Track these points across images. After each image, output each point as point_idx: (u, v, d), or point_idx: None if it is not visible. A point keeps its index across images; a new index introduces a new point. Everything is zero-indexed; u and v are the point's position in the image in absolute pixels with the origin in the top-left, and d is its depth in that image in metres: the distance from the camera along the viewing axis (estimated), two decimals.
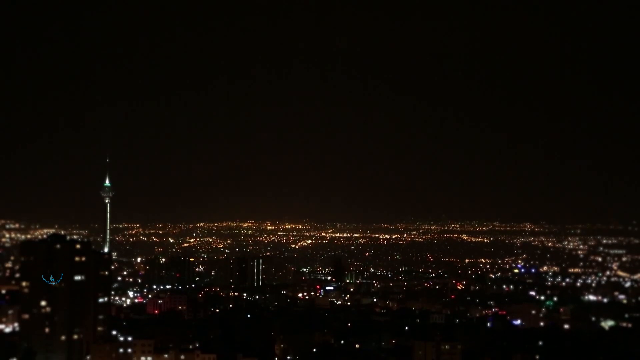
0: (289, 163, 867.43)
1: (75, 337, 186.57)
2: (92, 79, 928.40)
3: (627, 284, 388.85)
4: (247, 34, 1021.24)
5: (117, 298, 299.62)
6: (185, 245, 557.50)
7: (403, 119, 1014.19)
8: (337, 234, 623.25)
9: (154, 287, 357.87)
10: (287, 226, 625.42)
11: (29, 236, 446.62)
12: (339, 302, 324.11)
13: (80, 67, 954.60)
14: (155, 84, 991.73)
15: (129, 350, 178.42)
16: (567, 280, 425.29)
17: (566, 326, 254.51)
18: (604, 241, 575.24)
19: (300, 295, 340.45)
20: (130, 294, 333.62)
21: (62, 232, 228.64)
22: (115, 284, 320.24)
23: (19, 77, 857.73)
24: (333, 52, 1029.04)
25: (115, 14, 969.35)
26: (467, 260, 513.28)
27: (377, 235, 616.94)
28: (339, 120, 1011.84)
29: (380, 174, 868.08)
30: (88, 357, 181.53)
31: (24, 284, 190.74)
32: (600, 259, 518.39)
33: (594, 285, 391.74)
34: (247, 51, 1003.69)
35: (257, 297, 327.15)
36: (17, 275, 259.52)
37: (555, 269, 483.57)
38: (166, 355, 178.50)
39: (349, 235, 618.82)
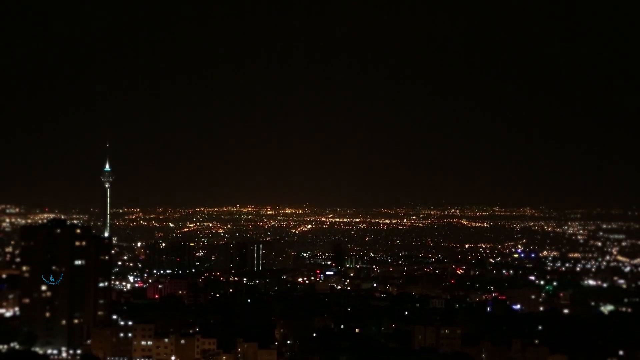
0: (289, 148, 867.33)
1: (76, 321, 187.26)
2: (93, 64, 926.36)
3: (627, 269, 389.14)
4: (248, 22, 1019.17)
5: (117, 282, 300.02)
6: (185, 230, 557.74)
7: (403, 104, 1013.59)
8: (337, 219, 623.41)
9: (154, 271, 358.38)
10: (287, 211, 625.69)
11: (29, 221, 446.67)
12: (339, 287, 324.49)
13: (81, 52, 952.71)
14: (156, 69, 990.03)
15: (130, 334, 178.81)
16: (567, 265, 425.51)
17: (566, 311, 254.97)
18: (604, 226, 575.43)
19: (300, 280, 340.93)
20: (131, 278, 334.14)
21: (63, 217, 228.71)
22: (116, 269, 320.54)
23: (20, 62, 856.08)
24: (333, 40, 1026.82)
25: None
26: (467, 245, 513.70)
27: (377, 220, 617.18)
28: (339, 105, 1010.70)
29: (380, 159, 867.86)
30: (88, 342, 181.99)
31: (24, 268, 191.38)
32: (600, 244, 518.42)
33: (593, 270, 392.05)
34: (248, 38, 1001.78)
35: (257, 281, 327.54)
36: (18, 259, 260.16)
37: (555, 253, 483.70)
38: (166, 340, 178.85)
39: (349, 220, 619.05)
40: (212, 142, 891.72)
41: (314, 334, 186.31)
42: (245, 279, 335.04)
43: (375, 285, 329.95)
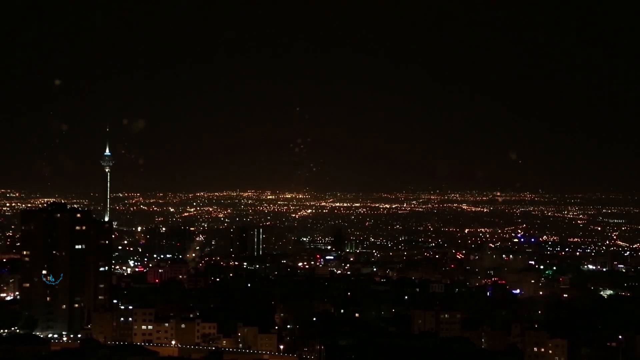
0: (288, 133, 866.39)
1: (76, 305, 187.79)
2: (94, 49, 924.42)
3: (627, 254, 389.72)
4: (249, 11, 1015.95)
5: (117, 267, 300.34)
6: (185, 214, 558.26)
7: (403, 89, 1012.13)
8: (337, 204, 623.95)
9: (155, 256, 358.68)
10: (287, 196, 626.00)
11: (29, 205, 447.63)
12: (339, 272, 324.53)
13: (82, 36, 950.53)
14: (157, 55, 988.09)
15: (130, 318, 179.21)
16: (567, 249, 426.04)
17: (565, 295, 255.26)
18: (604, 210, 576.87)
19: (300, 264, 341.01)
20: (131, 263, 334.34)
21: (63, 201, 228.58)
22: (116, 253, 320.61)
23: (20, 45, 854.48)
24: (332, 26, 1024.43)
25: None
26: (466, 230, 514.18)
27: (377, 205, 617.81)
28: (339, 91, 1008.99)
29: (380, 144, 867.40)
30: (89, 326, 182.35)
31: (24, 252, 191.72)
32: (599, 228, 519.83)
33: (593, 254, 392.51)
34: (248, 26, 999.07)
35: (258, 266, 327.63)
36: (18, 244, 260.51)
37: (555, 238, 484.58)
38: (167, 324, 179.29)
39: (349, 204, 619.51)
40: (212, 127, 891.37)
41: (314, 319, 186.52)
42: (245, 264, 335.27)
43: (375, 269, 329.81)
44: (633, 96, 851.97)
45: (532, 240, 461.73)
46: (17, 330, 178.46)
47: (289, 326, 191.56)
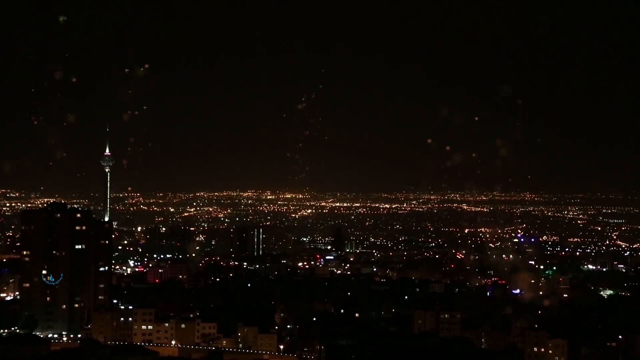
0: (289, 133, 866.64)
1: (76, 305, 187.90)
2: (94, 48, 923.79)
3: (627, 254, 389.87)
4: (248, 11, 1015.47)
5: (117, 267, 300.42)
6: (185, 214, 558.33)
7: (403, 89, 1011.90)
8: (337, 204, 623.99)
9: (155, 256, 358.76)
10: (287, 196, 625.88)
11: (29, 205, 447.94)
12: (339, 272, 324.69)
13: (82, 36, 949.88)
14: (156, 54, 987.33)
15: (130, 319, 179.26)
16: (567, 249, 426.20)
17: (565, 295, 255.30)
18: (604, 210, 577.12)
19: (300, 264, 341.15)
20: (131, 263, 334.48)
21: (63, 201, 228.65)
22: (116, 253, 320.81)
23: (21, 44, 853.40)
24: (333, 27, 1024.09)
25: None
26: (466, 230, 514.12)
27: (377, 205, 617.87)
28: (339, 91, 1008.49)
29: (380, 144, 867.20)
30: (89, 326, 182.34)
31: (24, 252, 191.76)
32: (599, 228, 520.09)
33: (593, 254, 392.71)
34: (248, 25, 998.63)
35: (258, 266, 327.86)
36: (18, 244, 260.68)
37: (555, 238, 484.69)
38: (167, 324, 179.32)
39: (349, 204, 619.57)
40: (212, 128, 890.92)
41: (314, 318, 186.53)
42: (245, 264, 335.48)
43: (375, 269, 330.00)
44: (633, 96, 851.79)
45: (532, 240, 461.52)
46: (17, 330, 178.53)
47: (289, 326, 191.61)
